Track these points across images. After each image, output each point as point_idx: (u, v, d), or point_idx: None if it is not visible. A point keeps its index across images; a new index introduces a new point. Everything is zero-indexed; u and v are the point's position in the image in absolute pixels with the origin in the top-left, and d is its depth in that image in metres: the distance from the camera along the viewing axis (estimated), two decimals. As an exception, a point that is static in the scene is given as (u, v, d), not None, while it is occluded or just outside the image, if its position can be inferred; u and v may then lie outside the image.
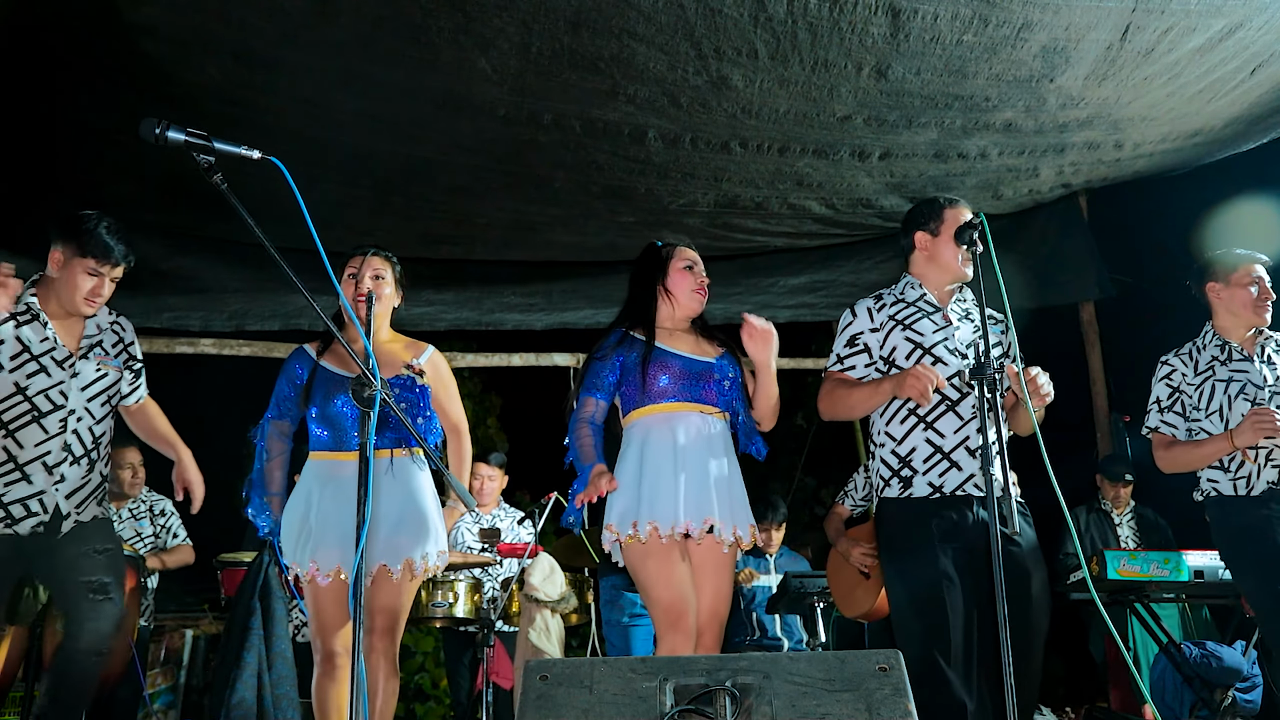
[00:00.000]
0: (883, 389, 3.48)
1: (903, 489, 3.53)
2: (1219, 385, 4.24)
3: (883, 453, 3.62)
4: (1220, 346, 4.31)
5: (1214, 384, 4.25)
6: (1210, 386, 4.26)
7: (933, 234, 3.68)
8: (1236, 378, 4.23)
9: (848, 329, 3.73)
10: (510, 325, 7.72)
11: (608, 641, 5.77)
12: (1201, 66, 5.17)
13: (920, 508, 3.47)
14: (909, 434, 3.54)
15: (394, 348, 3.94)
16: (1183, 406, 4.32)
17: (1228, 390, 4.21)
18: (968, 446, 3.48)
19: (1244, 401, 4.15)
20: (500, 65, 4.77)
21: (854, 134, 5.59)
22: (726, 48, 4.75)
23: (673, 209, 6.32)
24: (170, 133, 2.41)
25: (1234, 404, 4.17)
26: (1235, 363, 4.24)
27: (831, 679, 2.25)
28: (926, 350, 3.56)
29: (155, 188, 5.87)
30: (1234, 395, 4.19)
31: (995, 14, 4.64)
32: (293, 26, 4.45)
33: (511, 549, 5.47)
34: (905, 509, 3.51)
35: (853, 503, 6.00)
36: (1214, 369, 4.27)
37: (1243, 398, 4.16)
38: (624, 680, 2.28)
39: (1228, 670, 5.07)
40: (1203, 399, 4.28)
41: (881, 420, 3.63)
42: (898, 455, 3.56)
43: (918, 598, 3.39)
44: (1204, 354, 4.33)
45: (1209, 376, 4.27)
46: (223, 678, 4.46)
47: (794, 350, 9.46)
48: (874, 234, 7.12)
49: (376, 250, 3.91)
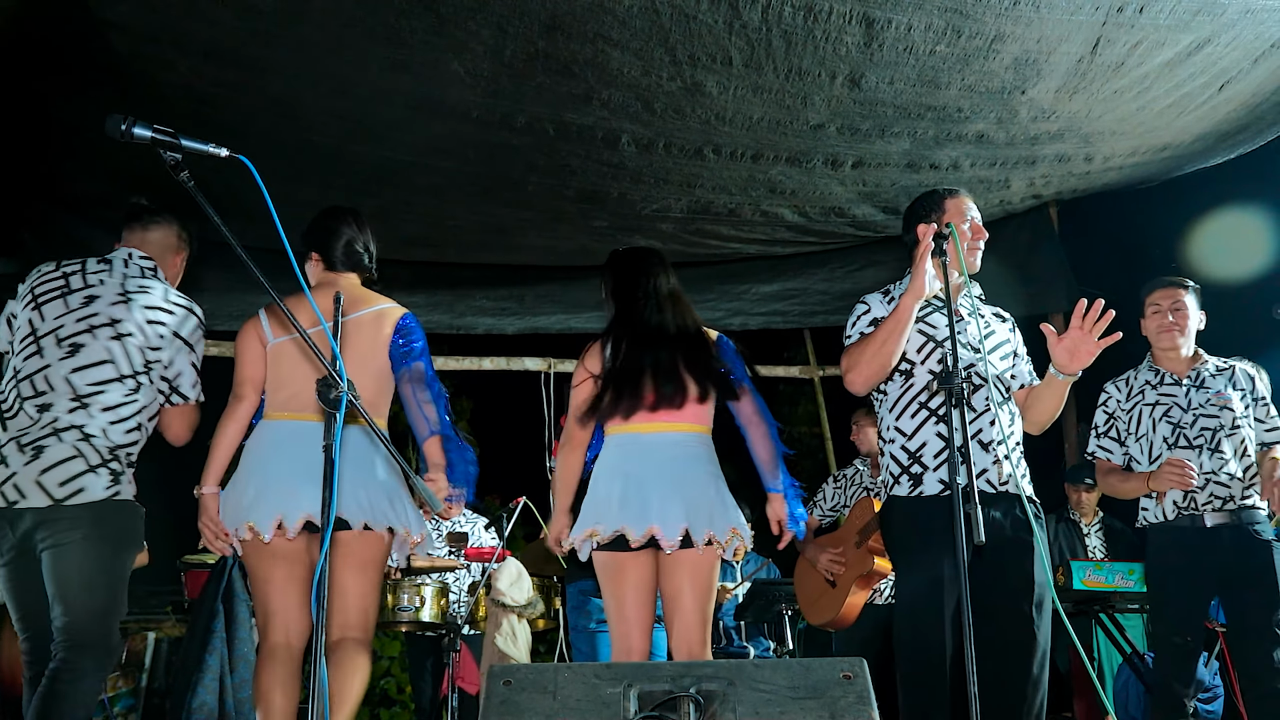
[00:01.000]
0: (901, 304, 3.41)
1: (913, 487, 3.47)
2: (1146, 410, 4.42)
3: (892, 449, 3.56)
4: (1154, 371, 4.49)
5: (1142, 409, 4.44)
6: (1139, 411, 4.44)
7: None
8: (1163, 402, 4.41)
9: (865, 314, 3.62)
10: (482, 329, 7.69)
11: (574, 648, 5.76)
12: (1170, 81, 5.22)
13: (931, 507, 3.39)
14: (919, 428, 3.49)
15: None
16: (1118, 432, 4.47)
17: (1153, 414, 4.40)
18: (980, 440, 3.44)
19: (1166, 425, 4.34)
20: (474, 68, 4.75)
21: (827, 142, 5.61)
22: (701, 54, 4.75)
23: (646, 214, 6.32)
24: (136, 129, 2.37)
25: (1157, 428, 4.37)
26: (1165, 387, 4.42)
27: (796, 686, 2.25)
28: (939, 344, 3.51)
29: (124, 186, 5.82)
30: (1158, 419, 4.39)
31: (968, 25, 4.66)
32: (264, 26, 4.42)
33: (478, 553, 5.45)
34: (916, 508, 3.45)
35: (821, 512, 6.02)
36: (1144, 393, 4.46)
37: (1166, 421, 4.36)
38: (588, 686, 2.27)
39: (1190, 681, 5.10)
40: (1132, 423, 4.46)
41: (891, 415, 3.57)
42: (908, 451, 3.50)
43: (920, 601, 3.36)
44: (1138, 379, 4.51)
45: (1139, 401, 4.45)
46: (184, 680, 4.41)
47: (765, 358, 9.49)
48: (846, 242, 7.14)
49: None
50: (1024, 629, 3.34)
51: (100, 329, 3.72)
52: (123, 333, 3.73)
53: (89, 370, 3.68)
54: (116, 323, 3.73)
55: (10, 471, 3.56)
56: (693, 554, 3.66)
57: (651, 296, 3.89)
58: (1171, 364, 4.46)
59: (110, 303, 3.76)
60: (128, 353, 3.73)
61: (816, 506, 6.04)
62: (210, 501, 3.54)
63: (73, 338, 3.70)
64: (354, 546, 3.55)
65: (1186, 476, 4.09)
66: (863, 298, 3.70)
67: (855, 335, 3.59)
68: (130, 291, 3.80)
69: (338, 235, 3.83)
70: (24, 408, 3.64)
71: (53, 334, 3.70)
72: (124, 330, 3.74)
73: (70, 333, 3.71)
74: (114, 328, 3.73)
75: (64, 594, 3.52)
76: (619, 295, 3.96)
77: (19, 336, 3.75)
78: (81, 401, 3.65)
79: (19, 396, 3.66)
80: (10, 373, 3.73)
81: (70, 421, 3.62)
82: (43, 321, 3.72)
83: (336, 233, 3.83)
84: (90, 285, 3.79)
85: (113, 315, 3.74)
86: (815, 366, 8.95)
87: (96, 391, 3.67)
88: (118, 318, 3.74)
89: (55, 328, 3.71)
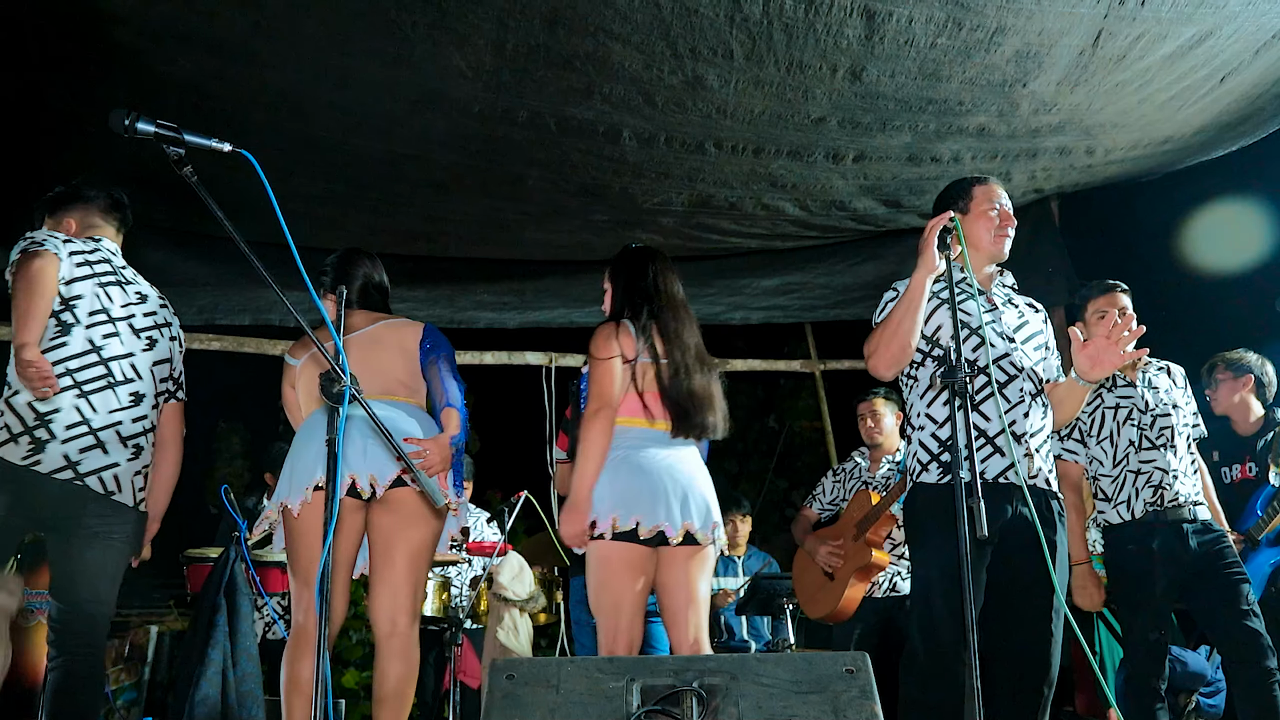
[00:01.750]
0: (913, 281, 3.37)
1: (942, 474, 3.41)
2: (1109, 413, 4.53)
3: (922, 435, 3.51)
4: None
5: (1104, 411, 4.54)
6: (1101, 414, 4.54)
7: (963, 212, 3.61)
8: (1123, 404, 4.51)
9: (892, 300, 3.57)
10: (483, 323, 7.70)
11: (577, 642, 5.77)
12: (1172, 74, 5.21)
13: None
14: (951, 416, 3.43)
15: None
16: (1080, 434, 4.57)
17: (1116, 417, 4.50)
18: (1013, 431, 3.40)
19: (1131, 427, 4.45)
20: (475, 62, 4.75)
21: (828, 136, 5.60)
22: (702, 48, 4.75)
23: (647, 208, 6.31)
24: (140, 124, 2.39)
25: (1122, 431, 4.48)
26: (1120, 388, 4.54)
27: (798, 680, 2.26)
28: (974, 331, 3.47)
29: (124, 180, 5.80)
30: (1121, 420, 4.49)
31: (969, 18, 4.65)
32: (265, 19, 4.41)
33: (480, 548, 5.46)
34: (945, 495, 3.31)
35: (820, 506, 6.02)
36: (1102, 395, 4.55)
37: (1130, 424, 4.46)
38: (591, 680, 2.28)
39: (1192, 675, 5.12)
40: (1094, 425, 4.55)
41: (922, 402, 3.54)
42: (938, 439, 3.45)
43: (943, 593, 3.30)
44: None
45: (1099, 404, 4.55)
46: (187, 674, 4.41)
47: (766, 352, 9.50)
48: (848, 236, 7.13)
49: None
50: (1044, 625, 3.33)
51: (163, 328, 3.88)
52: (175, 335, 3.94)
53: (161, 366, 3.83)
54: (169, 325, 3.92)
55: (111, 461, 3.63)
56: (696, 550, 3.69)
57: (671, 301, 3.92)
58: (1124, 368, 4.51)
59: (159, 303, 3.91)
60: (173, 356, 3.92)
61: (816, 500, 6.05)
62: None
63: (148, 331, 3.81)
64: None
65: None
66: (894, 284, 3.66)
67: (879, 321, 3.59)
68: (148, 293, 3.91)
69: (354, 277, 3.97)
70: (116, 392, 3.68)
71: (127, 321, 3.76)
72: (175, 333, 3.95)
73: (143, 326, 3.81)
74: (170, 329, 3.92)
75: (96, 586, 3.64)
76: (636, 292, 3.93)
77: (86, 309, 3.70)
78: (156, 401, 3.80)
79: (109, 378, 3.68)
80: (86, 344, 3.68)
81: (153, 421, 3.78)
82: (111, 303, 3.75)
83: (353, 275, 3.97)
84: (132, 281, 3.89)
85: (166, 318, 3.93)
86: (816, 361, 8.95)
87: (165, 393, 3.86)
88: (169, 320, 3.94)
89: (127, 315, 3.77)
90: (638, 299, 3.90)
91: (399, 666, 3.62)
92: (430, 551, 3.74)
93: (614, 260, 4.06)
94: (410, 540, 3.65)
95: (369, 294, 3.99)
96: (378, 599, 3.64)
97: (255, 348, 7.40)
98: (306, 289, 2.75)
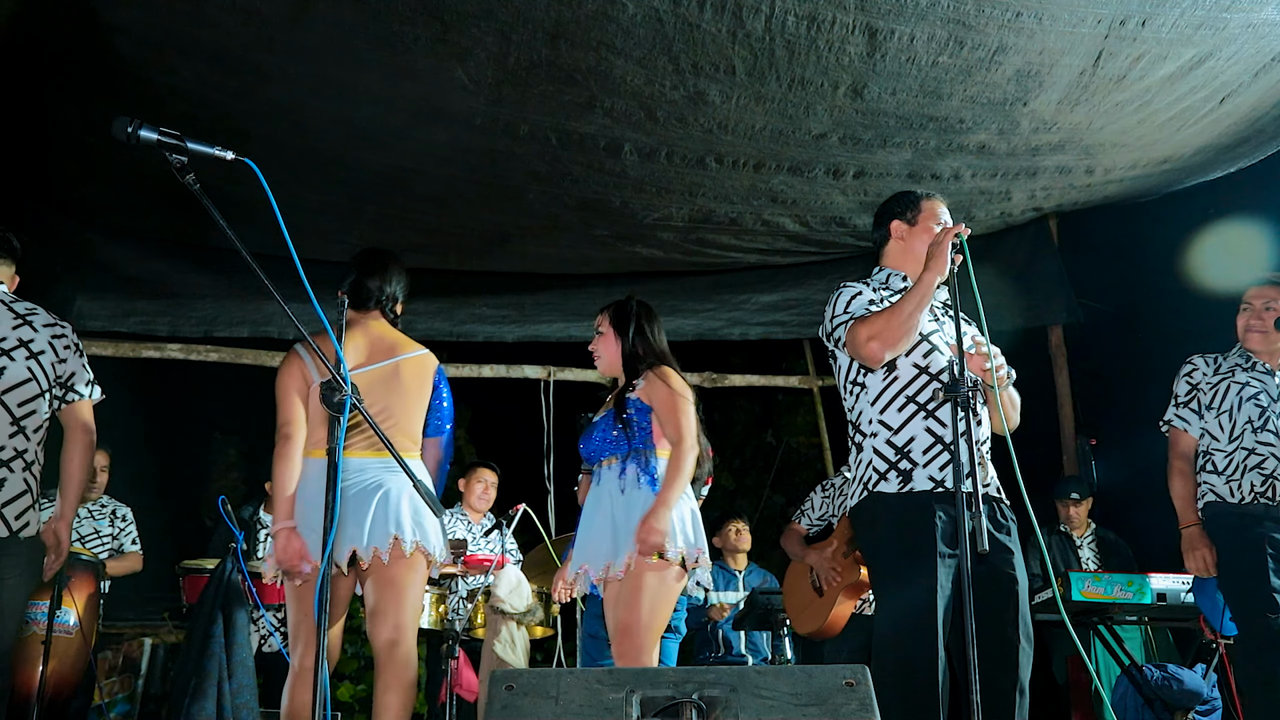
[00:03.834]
0: (923, 279, 3.33)
1: (902, 483, 3.31)
2: (1235, 387, 4.43)
3: (875, 443, 3.41)
4: (1245, 357, 4.51)
5: (1230, 384, 4.44)
6: (1226, 386, 4.45)
7: (909, 223, 3.57)
8: (1253, 384, 4.43)
9: (857, 296, 3.51)
10: (481, 337, 7.69)
11: (585, 653, 5.75)
12: (1172, 94, 5.23)
13: (923, 503, 3.26)
14: (907, 422, 3.36)
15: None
16: (1199, 404, 4.50)
17: (1241, 393, 4.41)
18: (967, 440, 3.36)
19: (1254, 407, 4.36)
20: (477, 75, 4.76)
21: (829, 152, 5.62)
22: (704, 63, 4.76)
23: (647, 223, 6.33)
24: (143, 132, 2.38)
25: (1242, 407, 4.38)
26: (1255, 373, 4.46)
27: (798, 693, 2.25)
28: (925, 338, 3.42)
29: (125, 190, 5.82)
30: (1245, 399, 4.40)
31: (971, 37, 4.68)
32: (268, 31, 4.43)
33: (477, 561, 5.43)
34: (906, 504, 3.29)
35: (809, 521, 6.00)
36: (1234, 373, 4.47)
37: (1254, 403, 4.37)
38: (590, 691, 2.27)
39: (1188, 693, 5.10)
40: (1216, 397, 4.46)
41: (874, 409, 3.44)
42: (894, 445, 3.36)
43: (909, 612, 3.21)
44: (1228, 361, 4.53)
45: (1228, 379, 4.46)
46: (182, 686, 4.40)
47: (764, 368, 9.50)
48: (847, 252, 7.15)
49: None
50: (1010, 633, 3.29)
51: (14, 350, 3.71)
52: (35, 352, 3.74)
53: (12, 392, 3.67)
54: (25, 344, 3.74)
55: None
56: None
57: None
58: (1261, 356, 4.49)
59: (13, 323, 3.75)
60: (34, 374, 3.73)
61: (804, 515, 6.02)
62: (284, 537, 3.53)
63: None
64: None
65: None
66: (845, 283, 3.60)
67: (846, 316, 3.48)
68: (21, 314, 3.79)
69: (363, 279, 3.97)
70: None
71: None
72: (40, 348, 3.76)
73: None
74: (27, 347, 3.74)
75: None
76: (647, 338, 4.09)
77: None
78: (18, 427, 3.66)
79: None
80: None
81: (15, 449, 3.63)
82: None
83: (363, 278, 3.97)
84: None
85: (21, 337, 3.74)
86: (814, 376, 8.95)
87: (33, 412, 3.70)
88: (24, 339, 3.75)
89: None
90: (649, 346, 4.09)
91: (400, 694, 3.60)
92: (423, 583, 3.77)
93: (626, 309, 4.14)
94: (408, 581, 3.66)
95: (378, 297, 4.01)
96: (378, 623, 3.62)
97: (253, 359, 7.39)
98: (308, 299, 2.75)
